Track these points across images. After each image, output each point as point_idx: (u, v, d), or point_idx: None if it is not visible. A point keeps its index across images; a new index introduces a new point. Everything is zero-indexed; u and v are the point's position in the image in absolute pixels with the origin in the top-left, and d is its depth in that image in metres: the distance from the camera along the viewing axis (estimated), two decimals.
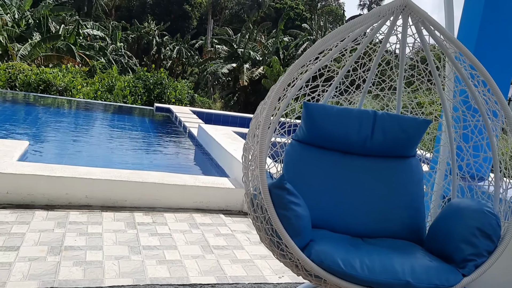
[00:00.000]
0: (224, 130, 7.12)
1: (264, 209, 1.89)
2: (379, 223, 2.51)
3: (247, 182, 2.13)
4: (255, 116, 2.15)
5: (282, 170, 2.64)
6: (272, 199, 1.88)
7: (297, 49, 33.59)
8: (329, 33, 1.91)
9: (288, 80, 1.93)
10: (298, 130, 2.65)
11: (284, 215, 1.93)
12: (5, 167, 3.89)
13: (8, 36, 18.21)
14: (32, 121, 8.85)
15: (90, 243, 3.26)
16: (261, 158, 1.85)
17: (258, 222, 2.04)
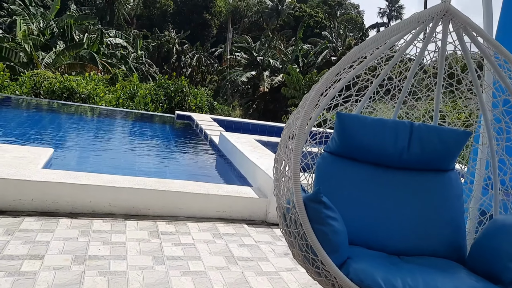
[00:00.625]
0: (246, 138, 7.06)
1: (299, 223, 1.81)
2: (417, 240, 2.38)
3: (279, 195, 2.05)
4: (287, 126, 2.07)
5: (313, 183, 2.55)
6: (308, 213, 1.79)
7: (316, 57, 33.52)
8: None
9: (322, 88, 1.85)
10: (330, 142, 2.56)
11: (321, 230, 1.83)
12: (31, 174, 3.90)
13: (33, 44, 18.60)
14: (56, 128, 8.96)
15: (114, 252, 3.21)
16: (295, 170, 1.77)
17: (291, 238, 1.95)
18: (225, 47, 43.25)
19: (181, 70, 40.24)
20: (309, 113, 1.78)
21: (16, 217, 3.61)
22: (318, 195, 1.82)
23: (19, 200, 3.74)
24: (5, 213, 3.66)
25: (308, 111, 1.78)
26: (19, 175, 3.82)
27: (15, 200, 3.73)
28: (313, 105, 1.81)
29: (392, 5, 63.30)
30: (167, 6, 50.08)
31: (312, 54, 34.39)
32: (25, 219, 3.58)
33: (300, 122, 1.77)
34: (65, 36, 21.62)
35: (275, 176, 2.09)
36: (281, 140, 2.06)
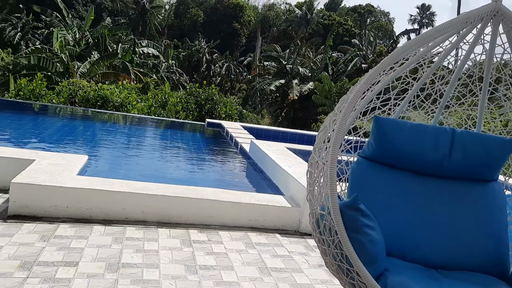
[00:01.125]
0: (277, 146, 6.98)
1: (334, 231, 1.72)
2: (456, 253, 2.25)
3: (312, 200, 1.97)
4: (322, 129, 1.99)
5: (347, 189, 2.46)
6: (344, 221, 1.70)
7: (346, 64, 33.18)
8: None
9: (362, 90, 1.77)
10: (366, 146, 2.46)
11: (357, 240, 1.74)
12: (66, 181, 3.94)
13: (69, 54, 19.16)
14: (90, 136, 9.14)
15: (147, 260, 3.19)
16: (331, 174, 1.69)
17: (324, 246, 1.86)
18: (254, 55, 43.43)
19: (210, 79, 40.64)
20: (348, 115, 1.70)
21: (52, 223, 3.65)
22: (356, 202, 1.73)
23: (54, 206, 3.79)
24: (41, 219, 3.71)
25: (346, 113, 1.70)
26: (55, 181, 3.86)
27: (50, 206, 3.78)
28: (352, 107, 1.73)
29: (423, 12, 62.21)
30: (197, 16, 50.83)
31: (341, 62, 34.08)
32: (60, 226, 3.62)
33: (339, 124, 1.69)
34: (100, 46, 22.19)
35: (309, 180, 2.01)
36: (316, 143, 1.99)
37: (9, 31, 37.89)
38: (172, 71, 33.96)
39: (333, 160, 1.68)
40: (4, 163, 4.37)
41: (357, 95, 1.73)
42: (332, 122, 1.85)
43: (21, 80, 13.77)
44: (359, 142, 2.53)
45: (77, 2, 44.89)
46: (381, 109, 2.46)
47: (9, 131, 8.52)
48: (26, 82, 13.53)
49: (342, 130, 1.71)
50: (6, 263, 2.82)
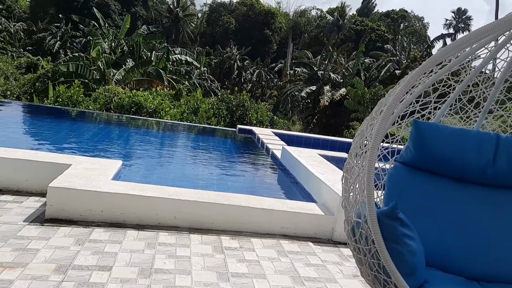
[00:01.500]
0: (309, 153, 6.89)
1: (370, 240, 1.64)
2: (500, 266, 2.13)
3: (348, 207, 1.89)
4: (359, 133, 1.92)
5: (384, 196, 2.36)
6: (382, 230, 1.62)
7: (379, 70, 32.69)
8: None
9: (402, 93, 1.69)
10: (404, 151, 2.36)
11: (396, 250, 1.66)
12: (101, 185, 4.00)
13: (105, 62, 19.69)
14: (124, 141, 9.31)
15: (179, 266, 3.18)
16: (369, 180, 1.62)
17: (360, 255, 1.78)
18: (285, 62, 43.43)
19: (241, 86, 40.86)
20: (387, 119, 1.62)
21: (87, 227, 3.70)
22: (395, 211, 1.65)
23: (89, 210, 3.84)
24: (77, 223, 3.77)
25: (385, 117, 1.62)
26: (90, 186, 3.92)
27: (86, 210, 3.83)
28: (391, 110, 1.65)
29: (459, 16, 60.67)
30: (229, 23, 51.34)
31: (374, 68, 33.59)
32: (95, 230, 3.66)
33: (377, 128, 1.61)
34: (134, 54, 22.71)
35: (344, 186, 1.94)
36: (353, 148, 1.91)
37: (49, 40, 39.38)
38: (204, 78, 34.36)
39: (371, 166, 1.61)
40: (43, 168, 4.48)
41: (397, 98, 1.66)
42: (370, 126, 1.78)
43: (60, 87, 14.21)
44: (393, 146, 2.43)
45: (113, 11, 46.22)
46: (421, 112, 2.36)
47: (47, 137, 8.78)
48: (64, 89, 13.96)
49: (380, 135, 1.64)
50: (42, 266, 2.86)
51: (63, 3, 44.73)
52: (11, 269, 2.76)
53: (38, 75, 22.81)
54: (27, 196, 4.29)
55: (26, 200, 4.17)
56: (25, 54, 33.79)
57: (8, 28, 39.19)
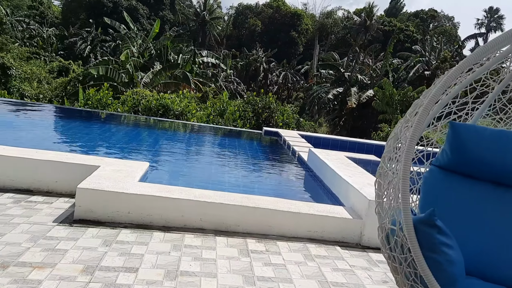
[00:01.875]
0: (336, 155, 6.79)
1: (406, 249, 1.56)
2: None
3: (381, 213, 1.81)
4: (393, 136, 1.84)
5: (419, 202, 2.27)
6: (418, 238, 1.54)
7: (407, 71, 32.07)
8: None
9: (438, 94, 1.61)
10: (440, 154, 2.26)
11: (434, 259, 1.58)
12: (128, 187, 4.02)
13: (134, 65, 20.03)
14: (151, 143, 9.41)
15: (205, 269, 3.15)
16: (404, 185, 1.54)
17: (395, 263, 1.70)
18: (311, 64, 43.21)
19: (267, 88, 40.84)
20: (423, 121, 1.55)
21: (114, 228, 3.73)
22: (432, 218, 1.56)
23: (117, 212, 3.87)
24: (104, 224, 3.80)
25: (421, 119, 1.55)
26: (117, 187, 3.96)
27: (113, 211, 3.87)
28: (427, 113, 1.57)
29: (491, 15, 59.01)
30: (255, 26, 51.48)
31: (402, 69, 32.98)
32: (122, 231, 3.68)
33: (412, 130, 1.54)
34: (162, 57, 23.02)
35: (377, 192, 1.86)
36: (386, 152, 1.84)
37: (80, 45, 40.43)
38: (230, 81, 34.53)
39: (406, 170, 1.53)
40: (72, 169, 4.56)
41: (433, 99, 1.58)
42: (404, 129, 1.70)
43: (90, 90, 14.52)
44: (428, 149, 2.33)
45: (141, 16, 47.07)
46: (457, 114, 2.25)
47: (77, 138, 8.97)
48: (94, 92, 14.25)
49: (416, 137, 1.56)
50: (70, 267, 2.89)
51: (93, 9, 45.87)
52: (40, 269, 2.80)
53: (69, 78, 23.40)
54: (57, 197, 4.37)
55: (56, 201, 4.24)
56: (57, 59, 34.78)
57: (41, 34, 40.46)
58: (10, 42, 33.03)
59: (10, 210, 3.83)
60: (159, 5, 51.27)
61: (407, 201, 1.53)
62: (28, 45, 36.66)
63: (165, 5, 52.07)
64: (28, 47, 35.12)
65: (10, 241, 3.17)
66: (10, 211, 3.80)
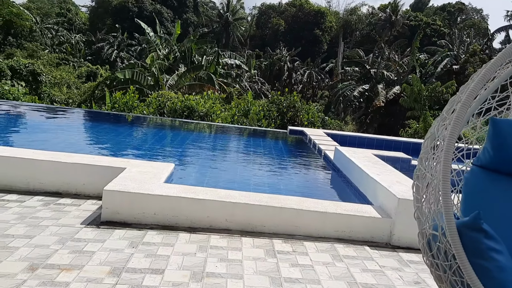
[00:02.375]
0: (363, 153, 6.65)
1: (451, 255, 1.47)
2: None
3: (421, 218, 1.72)
4: (429, 136, 1.74)
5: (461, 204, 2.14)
6: (463, 243, 1.44)
7: (435, 66, 31.33)
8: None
9: (477, 88, 1.50)
10: (481, 153, 2.12)
11: (481, 266, 1.46)
12: (154, 188, 4.03)
13: (159, 68, 20.27)
14: (177, 144, 9.47)
15: (231, 270, 3.11)
16: (445, 188, 1.45)
17: (439, 271, 1.60)
18: (336, 61, 42.71)
19: (292, 87, 40.63)
20: (462, 117, 1.45)
21: (140, 230, 3.73)
22: (478, 222, 1.46)
23: (143, 213, 3.88)
24: (131, 225, 3.82)
25: (459, 116, 1.45)
26: (143, 189, 3.97)
27: (139, 213, 3.88)
28: (466, 109, 1.47)
29: None
30: (278, 25, 51.34)
31: (430, 64, 32.24)
32: (148, 232, 3.69)
33: (451, 129, 1.45)
34: (186, 59, 23.21)
35: (416, 195, 1.77)
36: (423, 153, 1.74)
37: (107, 49, 41.24)
38: (254, 81, 34.53)
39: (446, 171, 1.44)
40: (99, 171, 4.60)
41: (471, 95, 1.48)
42: (441, 127, 1.61)
43: (116, 94, 14.76)
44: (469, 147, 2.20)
45: (166, 19, 47.64)
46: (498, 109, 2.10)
47: (105, 141, 9.11)
48: (120, 95, 14.47)
49: (455, 136, 1.46)
50: (97, 269, 2.90)
51: (119, 14, 46.74)
52: (68, 271, 2.81)
53: (97, 83, 23.90)
54: (85, 199, 4.42)
55: (84, 203, 4.29)
56: (85, 64, 35.58)
57: (69, 40, 41.49)
58: (40, 49, 34.02)
59: (40, 212, 3.89)
60: (183, 8, 51.79)
61: (448, 204, 1.44)
62: (57, 52, 37.66)
63: (188, 8, 52.56)
64: (58, 54, 36.06)
65: (39, 243, 3.21)
66: (39, 213, 3.87)
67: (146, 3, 47.71)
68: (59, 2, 53.55)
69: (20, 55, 29.10)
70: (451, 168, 2.10)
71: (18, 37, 35.13)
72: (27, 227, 3.50)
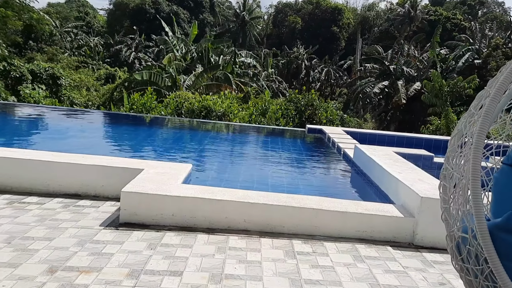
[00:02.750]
0: (384, 151, 6.52)
1: (482, 259, 1.38)
2: None
3: (449, 220, 1.63)
4: (456, 133, 1.65)
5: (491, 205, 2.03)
6: (496, 246, 1.35)
7: (456, 61, 30.68)
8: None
9: (507, 82, 1.41)
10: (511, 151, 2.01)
11: None
12: (171, 189, 4.01)
13: (176, 69, 20.37)
14: (194, 145, 9.47)
15: (250, 272, 3.06)
16: (475, 188, 1.36)
17: (470, 276, 1.51)
18: (354, 58, 42.28)
19: (310, 85, 40.36)
20: (491, 113, 1.36)
21: (158, 231, 3.71)
22: (511, 223, 1.37)
23: (161, 214, 3.86)
24: (149, 227, 3.80)
25: (489, 112, 1.36)
26: (161, 190, 3.95)
27: (157, 214, 3.86)
28: (494, 104, 1.38)
29: None
30: (295, 23, 51.08)
31: (451, 59, 31.60)
32: (166, 234, 3.66)
33: (480, 125, 1.36)
34: (203, 59, 23.28)
35: (443, 196, 1.68)
36: (449, 151, 1.65)
37: (125, 52, 41.70)
38: (271, 80, 34.42)
39: (476, 170, 1.35)
40: (117, 173, 4.61)
41: (500, 89, 1.39)
42: (469, 124, 1.52)
43: (134, 95, 14.88)
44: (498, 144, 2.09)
45: (182, 20, 47.93)
46: None
47: (123, 142, 9.17)
48: (138, 97, 14.58)
49: (484, 132, 1.37)
50: (116, 271, 2.88)
51: (136, 16, 47.20)
52: (87, 274, 2.80)
53: (115, 85, 24.16)
54: (104, 201, 4.43)
55: (103, 205, 4.30)
56: (104, 66, 36.06)
57: (88, 43, 42.11)
58: (60, 53, 34.62)
59: (59, 214, 3.91)
60: (199, 8, 52.02)
61: (479, 204, 1.35)
62: (76, 55, 38.26)
63: (205, 8, 52.76)
64: (77, 57, 36.64)
65: (59, 245, 3.21)
66: (59, 215, 3.88)
67: (163, 4, 48.08)
68: (78, 6, 54.43)
69: (41, 59, 29.66)
70: (481, 166, 1.99)
71: (39, 41, 35.85)
72: (47, 229, 3.51)
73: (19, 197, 4.32)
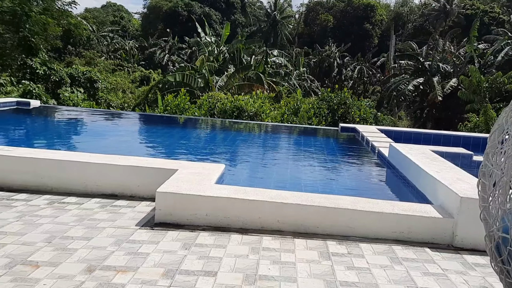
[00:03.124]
0: (420, 149, 6.34)
1: None
2: None
3: (488, 219, 1.56)
4: (497, 128, 1.58)
5: None
6: None
7: (495, 55, 29.53)
8: None
9: None
10: None
11: None
12: (205, 189, 4.03)
13: (209, 70, 20.56)
14: (227, 145, 9.52)
15: (284, 273, 3.04)
16: None
17: (510, 279, 1.45)
18: (387, 55, 41.47)
19: (342, 83, 39.90)
20: None
21: (193, 231, 3.74)
22: None
23: (195, 215, 3.89)
24: (183, 227, 3.84)
25: None
26: (195, 190, 3.98)
27: (191, 214, 3.89)
28: None
29: None
30: (327, 21, 50.57)
31: (489, 54, 30.45)
32: (200, 234, 3.69)
33: None
34: (235, 60, 23.39)
35: (482, 194, 1.61)
36: (489, 147, 1.58)
37: (159, 54, 42.48)
38: (303, 78, 34.23)
39: None
40: (152, 173, 4.68)
41: None
42: (511, 119, 1.45)
43: (168, 96, 15.11)
44: None
45: (214, 21, 48.35)
46: None
47: (158, 143, 9.33)
48: (172, 98, 14.79)
49: None
50: (151, 270, 2.92)
51: (169, 18, 47.99)
52: (123, 273, 2.86)
53: (150, 87, 24.63)
54: (140, 201, 4.51)
55: (139, 205, 4.38)
56: (138, 69, 36.86)
57: (123, 46, 43.14)
58: (97, 56, 35.62)
59: (97, 214, 4.01)
60: (231, 9, 52.33)
61: None
62: (112, 58, 39.25)
63: (236, 9, 53.02)
64: (113, 60, 37.59)
65: (96, 245, 3.29)
66: (97, 215, 3.98)
67: (195, 6, 48.64)
68: (113, 10, 55.82)
69: (79, 63, 30.61)
70: None
71: (77, 46, 37.00)
72: (85, 229, 3.60)
73: (59, 197, 4.46)
